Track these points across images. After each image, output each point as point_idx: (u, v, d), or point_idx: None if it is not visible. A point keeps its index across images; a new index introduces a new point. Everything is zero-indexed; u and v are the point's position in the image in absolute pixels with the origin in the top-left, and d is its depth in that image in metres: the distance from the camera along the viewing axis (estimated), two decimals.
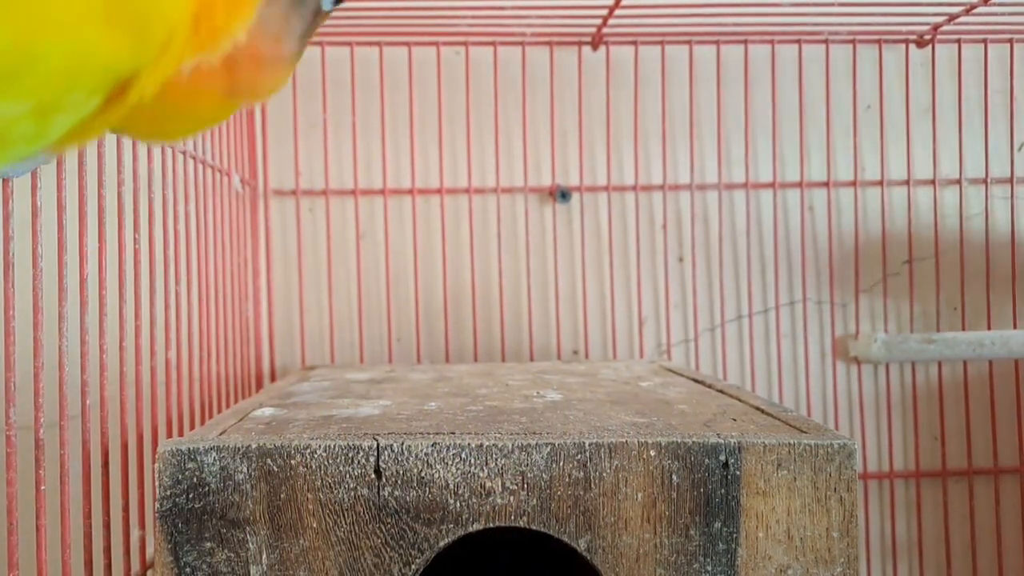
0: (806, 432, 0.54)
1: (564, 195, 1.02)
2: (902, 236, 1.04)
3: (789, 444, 0.52)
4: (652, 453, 0.51)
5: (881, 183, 1.03)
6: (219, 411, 0.79)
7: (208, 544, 0.50)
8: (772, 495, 0.52)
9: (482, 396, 0.68)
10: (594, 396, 0.67)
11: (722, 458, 0.51)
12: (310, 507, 0.50)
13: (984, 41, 1.02)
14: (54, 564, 0.50)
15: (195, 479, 0.50)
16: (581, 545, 0.51)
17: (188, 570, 0.50)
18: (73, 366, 0.51)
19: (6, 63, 0.25)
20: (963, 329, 1.03)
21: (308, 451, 0.50)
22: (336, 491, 0.50)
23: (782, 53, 1.02)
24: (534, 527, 0.51)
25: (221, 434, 0.53)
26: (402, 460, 0.51)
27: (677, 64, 1.02)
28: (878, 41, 1.02)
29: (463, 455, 0.51)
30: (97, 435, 0.56)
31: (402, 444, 0.51)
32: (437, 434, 0.52)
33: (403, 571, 0.50)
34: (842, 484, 0.52)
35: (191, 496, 0.50)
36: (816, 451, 0.52)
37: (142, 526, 0.60)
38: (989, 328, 1.03)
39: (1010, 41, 1.02)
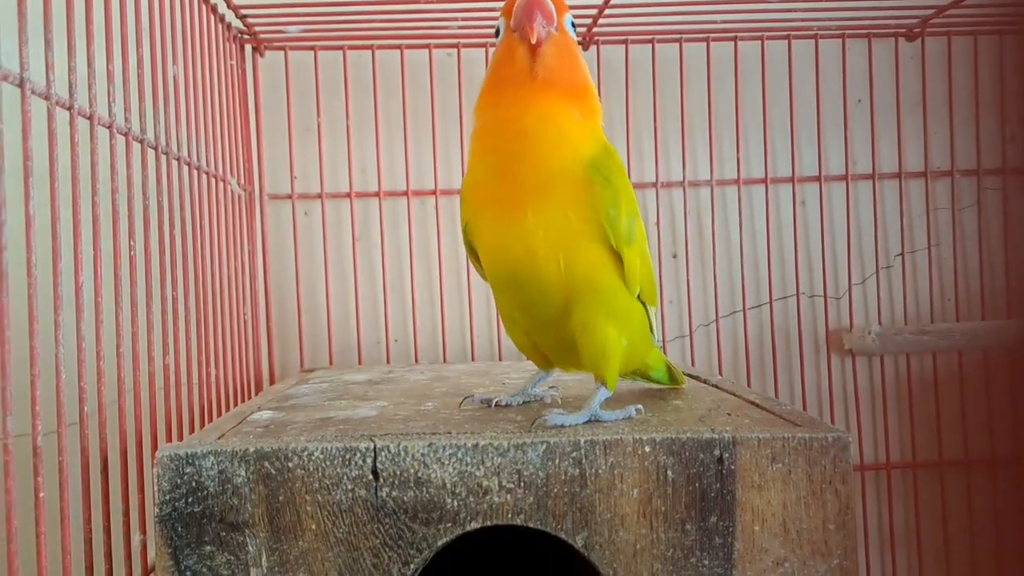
0: (800, 426, 0.54)
1: None
2: (894, 229, 1.05)
3: (783, 438, 0.52)
4: (647, 449, 0.52)
5: (872, 176, 1.04)
6: (219, 415, 0.79)
7: (208, 547, 0.50)
8: (767, 489, 0.52)
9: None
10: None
11: (717, 453, 0.52)
12: (308, 509, 0.51)
13: (974, 33, 1.03)
14: (55, 571, 0.50)
15: (194, 483, 0.50)
16: (578, 542, 0.51)
17: (189, 574, 0.50)
18: (70, 374, 0.51)
19: None
20: (957, 320, 1.04)
21: (305, 453, 0.51)
22: (334, 493, 0.51)
23: (772, 49, 1.03)
24: (531, 525, 0.51)
25: (219, 438, 0.53)
26: (399, 461, 0.51)
27: (667, 62, 1.03)
28: (867, 35, 1.02)
29: (459, 455, 0.51)
30: (96, 441, 0.57)
31: (399, 445, 0.51)
32: (433, 434, 0.53)
33: (402, 571, 0.51)
34: (837, 476, 0.52)
35: (190, 500, 0.50)
36: (810, 444, 0.52)
37: (143, 531, 0.60)
38: (983, 319, 1.03)
39: (999, 33, 1.02)
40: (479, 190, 0.58)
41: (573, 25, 0.58)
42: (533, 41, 0.54)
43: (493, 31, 0.60)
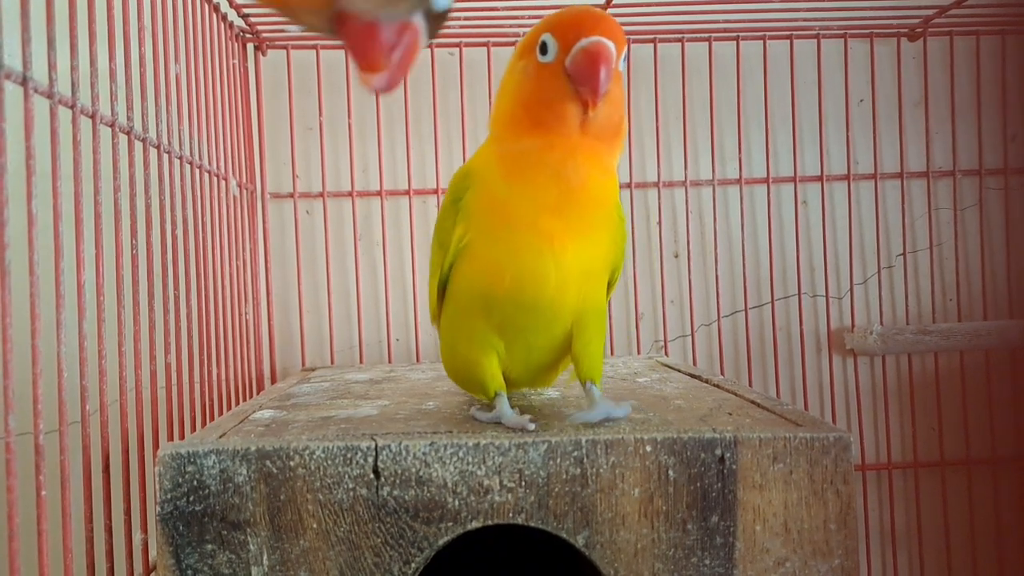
0: (801, 425, 0.54)
1: None
2: (896, 229, 1.05)
3: (785, 438, 0.52)
4: (648, 449, 0.52)
5: (875, 176, 1.04)
6: (220, 414, 0.79)
7: (209, 546, 0.50)
8: (768, 488, 0.52)
9: None
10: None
11: (718, 452, 0.52)
12: (310, 508, 0.51)
13: (976, 33, 1.03)
14: (56, 569, 0.50)
15: (195, 482, 0.50)
16: (579, 541, 0.51)
17: (190, 572, 0.50)
18: (72, 372, 0.51)
19: None
20: (959, 320, 1.04)
21: (307, 452, 0.51)
22: (335, 491, 0.51)
23: (774, 48, 1.03)
24: (532, 524, 0.51)
25: (221, 437, 0.53)
26: (400, 460, 0.51)
27: (670, 61, 1.02)
28: (870, 35, 1.02)
29: (460, 454, 0.51)
30: (97, 440, 0.57)
31: (400, 444, 0.51)
32: (435, 433, 0.53)
33: (403, 570, 0.51)
34: (838, 476, 0.52)
35: (191, 499, 0.50)
36: (812, 444, 0.52)
37: (144, 529, 0.61)
38: (985, 318, 1.03)
39: (1001, 33, 1.02)
40: (505, 213, 0.55)
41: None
42: (594, 106, 0.52)
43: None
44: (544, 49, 0.54)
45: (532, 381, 0.63)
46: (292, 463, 0.51)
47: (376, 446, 0.51)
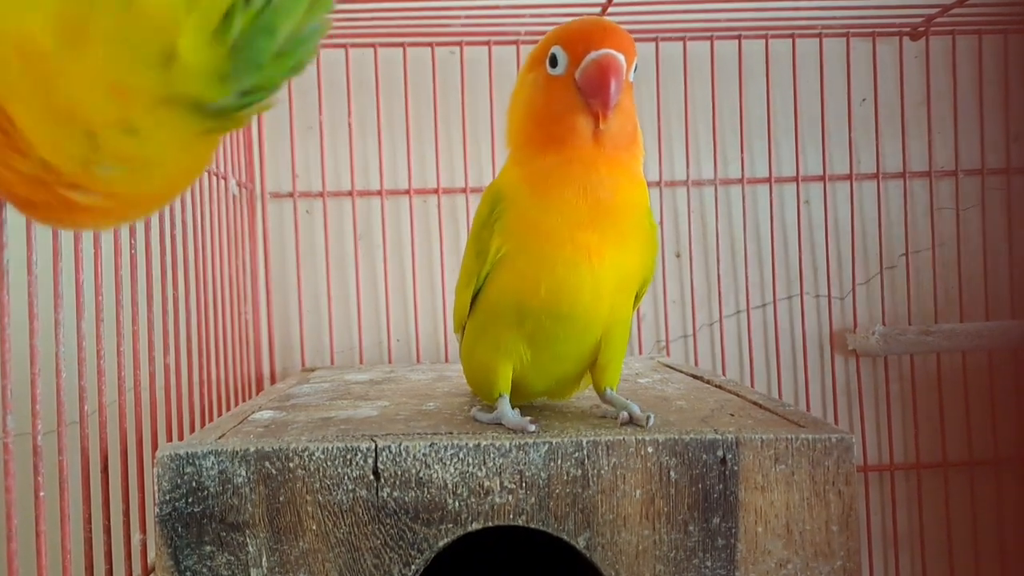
0: (803, 426, 0.54)
1: None
2: (898, 229, 1.04)
3: (786, 439, 0.52)
4: (650, 450, 0.51)
5: (877, 176, 1.03)
6: (219, 414, 0.79)
7: (208, 548, 0.50)
8: (770, 490, 0.52)
9: None
10: (592, 393, 0.67)
11: (720, 454, 0.52)
12: (309, 509, 0.50)
13: (978, 32, 1.02)
14: (55, 570, 0.50)
15: (194, 483, 0.50)
16: (580, 543, 0.51)
17: (189, 574, 0.50)
18: (71, 373, 0.51)
19: None
20: (961, 320, 1.03)
21: (306, 453, 0.50)
22: (335, 493, 0.50)
23: (776, 47, 1.02)
24: (533, 525, 0.51)
25: (220, 438, 0.53)
26: (400, 461, 0.51)
27: (671, 60, 1.02)
28: (872, 34, 1.02)
29: (461, 455, 0.51)
30: (96, 441, 0.56)
31: (400, 445, 0.51)
32: (435, 434, 0.53)
33: (403, 571, 0.50)
34: (840, 477, 0.52)
35: (190, 500, 0.50)
36: (814, 445, 0.52)
37: (143, 530, 0.60)
38: (987, 319, 1.03)
39: (1004, 32, 1.02)
40: (541, 230, 0.55)
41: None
42: (605, 119, 0.52)
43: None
44: (554, 61, 0.54)
45: (552, 392, 0.63)
46: (291, 464, 0.50)
47: (376, 447, 0.51)
